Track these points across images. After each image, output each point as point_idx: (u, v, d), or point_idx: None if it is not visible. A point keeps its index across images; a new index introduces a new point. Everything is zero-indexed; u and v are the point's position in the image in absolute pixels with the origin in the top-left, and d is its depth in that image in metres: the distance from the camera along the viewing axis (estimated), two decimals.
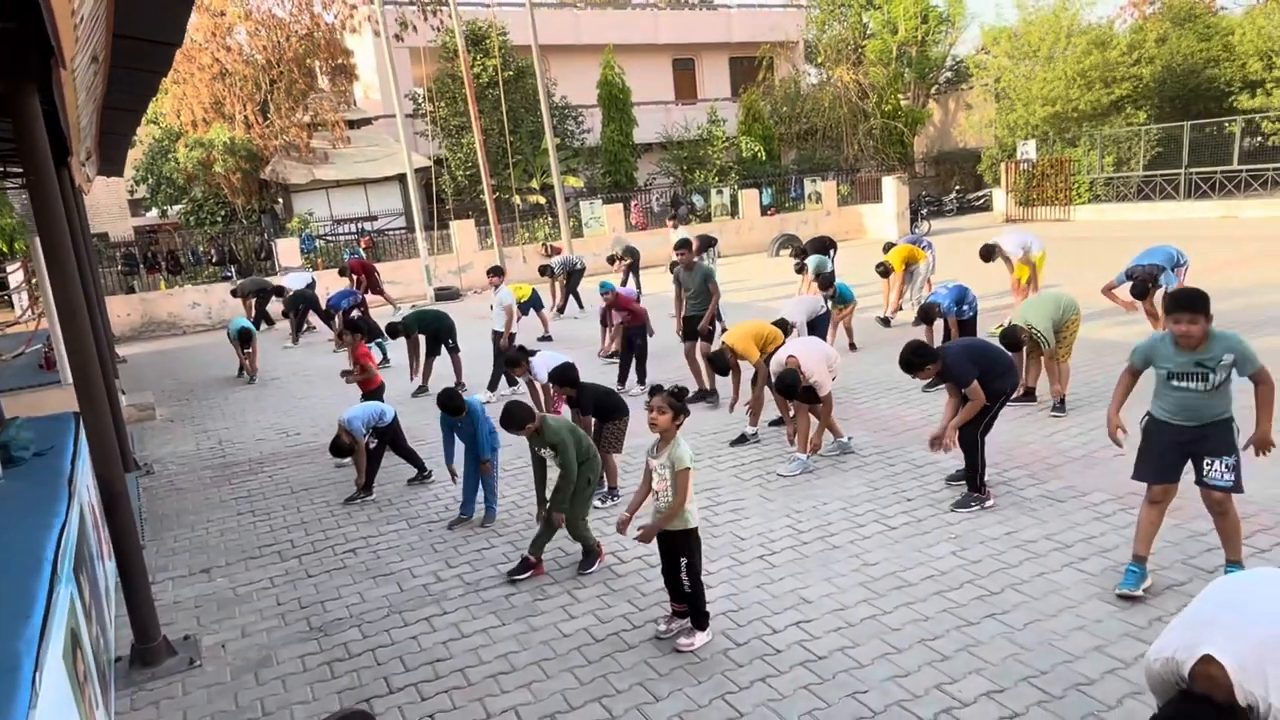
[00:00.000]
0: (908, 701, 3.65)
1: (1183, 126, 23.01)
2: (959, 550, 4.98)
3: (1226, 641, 2.11)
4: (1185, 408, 4.22)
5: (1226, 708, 2.04)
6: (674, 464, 4.17)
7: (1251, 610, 2.21)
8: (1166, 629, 2.31)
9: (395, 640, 4.63)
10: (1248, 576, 2.49)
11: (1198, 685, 2.11)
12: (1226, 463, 4.16)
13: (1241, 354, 4.07)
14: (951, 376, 5.52)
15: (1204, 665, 2.10)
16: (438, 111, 25.92)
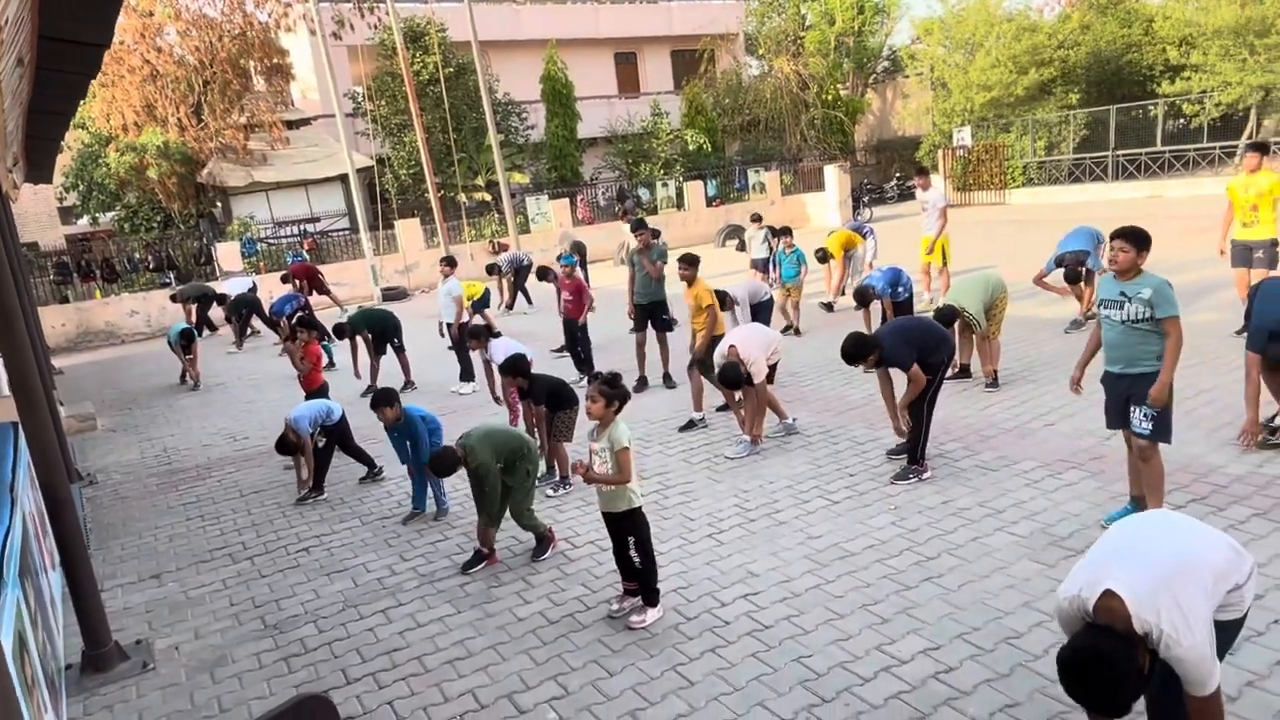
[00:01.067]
0: (850, 663, 3.82)
1: (1109, 110, 23.80)
2: (898, 520, 5.18)
3: (1124, 577, 2.31)
4: (1111, 345, 4.54)
5: (1125, 635, 2.24)
6: (613, 445, 4.27)
7: (1144, 549, 2.42)
8: (1072, 571, 2.50)
9: (351, 633, 4.67)
10: (1141, 518, 2.71)
11: (1100, 618, 2.31)
12: (1146, 412, 4.44)
13: (1159, 294, 4.33)
14: (891, 362, 5.71)
15: (1105, 599, 2.30)
16: (378, 110, 25.61)
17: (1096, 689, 2.27)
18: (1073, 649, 2.30)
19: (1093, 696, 2.29)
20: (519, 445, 5.22)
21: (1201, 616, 2.30)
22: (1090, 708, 2.37)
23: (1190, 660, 2.26)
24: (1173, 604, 2.27)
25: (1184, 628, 2.26)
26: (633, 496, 4.35)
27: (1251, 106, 22.49)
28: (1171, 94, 23.50)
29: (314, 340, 8.31)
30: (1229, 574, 2.46)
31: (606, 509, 4.44)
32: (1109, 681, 2.23)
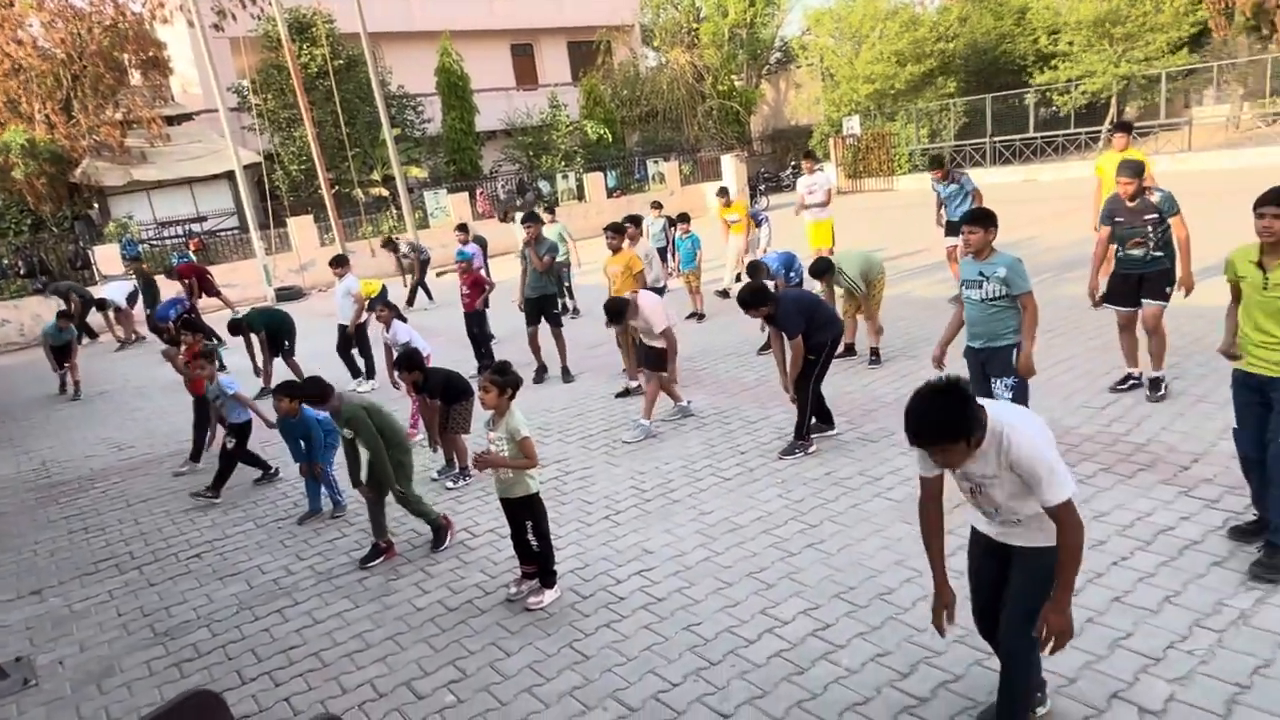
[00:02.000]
0: (736, 627, 4.03)
1: (985, 99, 24.99)
2: (784, 493, 5.44)
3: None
4: (971, 321, 4.90)
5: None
6: (512, 435, 4.37)
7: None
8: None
9: (246, 635, 4.63)
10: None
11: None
12: (1006, 383, 4.83)
13: (1013, 271, 4.71)
14: (780, 324, 5.90)
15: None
16: (265, 105, 24.73)
17: (935, 409, 2.54)
18: (917, 392, 2.62)
19: (934, 419, 2.55)
20: (397, 431, 5.22)
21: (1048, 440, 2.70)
22: (930, 435, 2.59)
23: (1030, 458, 2.61)
24: (1010, 418, 2.68)
25: (1026, 432, 2.65)
26: (530, 483, 4.44)
27: (1113, 94, 23.97)
28: (1042, 83, 24.84)
29: (198, 343, 8.07)
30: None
31: (504, 495, 4.51)
32: (949, 405, 2.53)
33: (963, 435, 2.55)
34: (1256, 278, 3.88)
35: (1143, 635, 3.54)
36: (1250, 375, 3.98)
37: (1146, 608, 3.72)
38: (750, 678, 3.64)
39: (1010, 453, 2.63)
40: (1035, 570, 2.82)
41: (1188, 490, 4.71)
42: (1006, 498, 2.75)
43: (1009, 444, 2.63)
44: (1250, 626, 3.50)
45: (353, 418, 5.03)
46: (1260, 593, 3.70)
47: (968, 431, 2.55)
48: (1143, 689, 3.23)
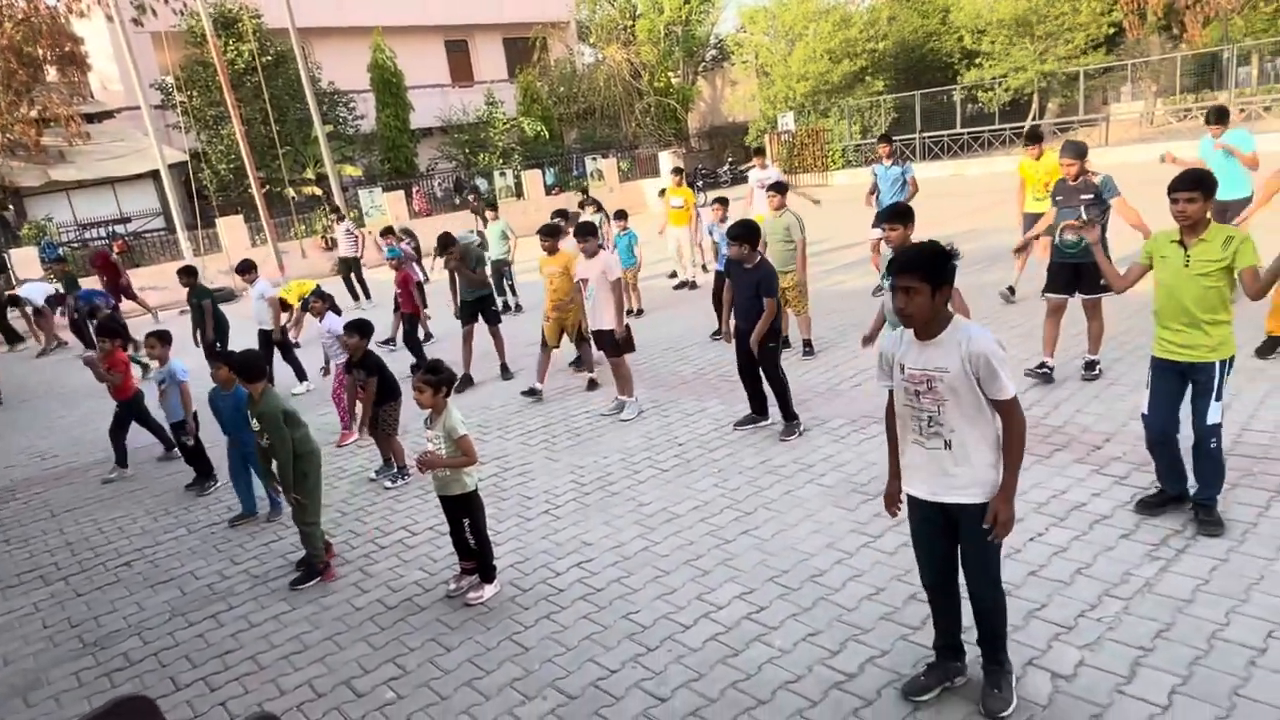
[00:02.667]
0: (673, 613, 4.12)
1: (914, 96, 25.61)
2: (721, 482, 5.55)
3: None
4: (889, 312, 5.03)
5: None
6: (449, 434, 4.37)
7: None
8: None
9: (179, 641, 4.55)
10: None
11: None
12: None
13: None
14: (762, 279, 5.95)
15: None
16: (191, 102, 24.02)
17: (923, 248, 2.94)
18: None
19: (917, 248, 2.96)
20: (313, 446, 5.06)
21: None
22: (907, 260, 2.91)
23: (983, 356, 2.86)
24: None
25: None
26: (467, 480, 4.45)
27: (1035, 91, 24.78)
28: (968, 81, 25.57)
29: (117, 348, 7.80)
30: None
31: (442, 492, 4.52)
32: (936, 248, 2.92)
33: (930, 278, 2.83)
34: (1178, 256, 4.05)
35: (1056, 606, 3.73)
36: (1175, 362, 4.15)
37: (1060, 580, 3.91)
38: (686, 661, 3.73)
39: (970, 345, 2.88)
40: (982, 534, 3.01)
41: (1099, 468, 4.95)
42: (951, 398, 2.94)
43: (969, 338, 2.90)
44: (1154, 594, 3.72)
45: (265, 413, 4.88)
46: (1163, 562, 3.93)
47: (938, 278, 2.84)
48: (1055, 655, 3.41)
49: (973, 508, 3.01)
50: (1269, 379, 5.84)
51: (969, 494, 3.00)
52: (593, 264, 7.05)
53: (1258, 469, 4.65)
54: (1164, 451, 4.25)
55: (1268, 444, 4.92)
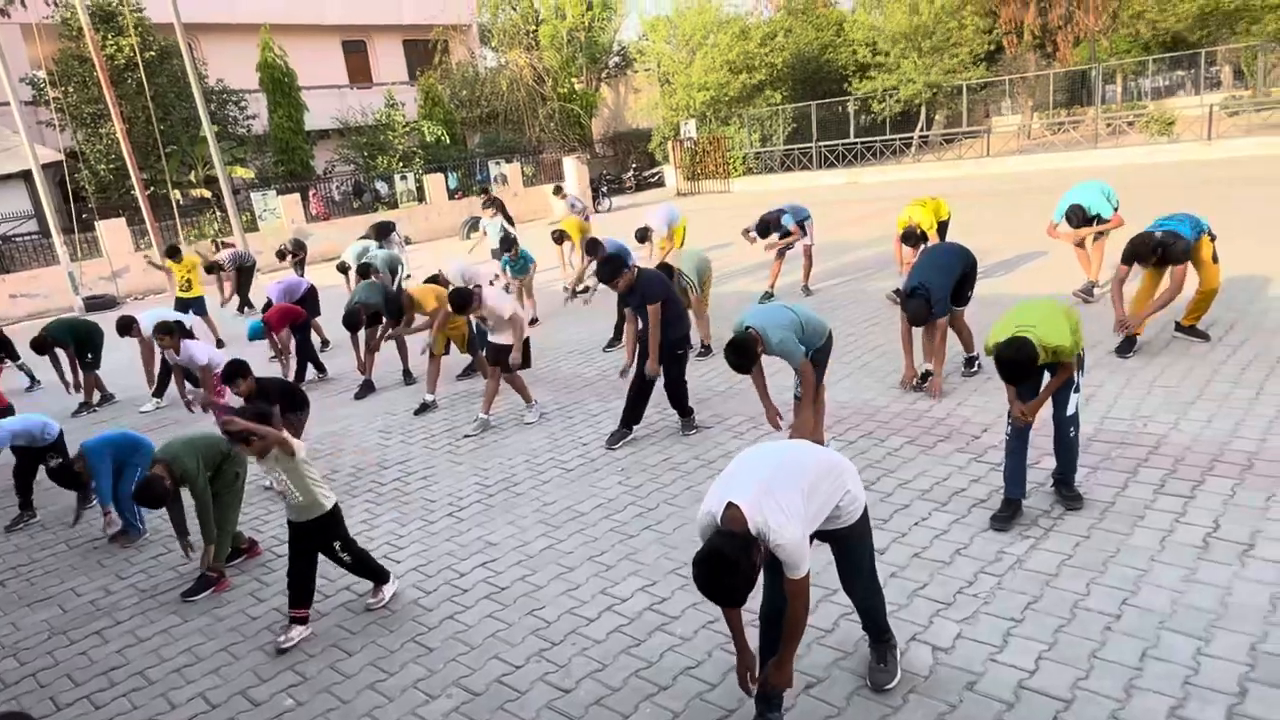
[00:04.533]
0: (577, 608, 4.18)
1: (811, 106, 26.45)
2: (624, 479, 5.65)
3: (742, 490, 2.85)
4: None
5: (743, 536, 2.76)
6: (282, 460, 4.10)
7: (755, 465, 3.02)
8: (708, 494, 2.98)
9: (60, 660, 4.36)
10: (762, 445, 3.31)
11: (725, 525, 2.82)
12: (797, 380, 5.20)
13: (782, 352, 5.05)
14: (640, 289, 6.02)
15: (729, 510, 2.83)
16: (67, 98, 22.71)
17: (719, 582, 2.73)
18: (703, 552, 2.77)
19: (717, 589, 2.76)
20: (226, 449, 4.97)
21: (798, 513, 2.87)
22: (715, 598, 2.84)
23: (788, 548, 2.82)
24: (774, 505, 2.83)
25: (785, 522, 2.81)
26: (324, 500, 4.19)
27: (923, 103, 25.93)
28: (861, 92, 26.54)
29: None
30: (829, 477, 3.06)
31: (302, 519, 4.17)
32: (728, 575, 2.70)
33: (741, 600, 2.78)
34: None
35: (937, 584, 3.97)
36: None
37: (941, 560, 4.16)
38: (590, 654, 3.80)
39: (774, 541, 2.81)
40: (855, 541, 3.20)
41: (978, 456, 5.27)
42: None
43: (774, 537, 2.81)
44: (1024, 569, 4.00)
45: (186, 472, 4.70)
46: (1032, 540, 4.23)
47: (743, 597, 2.78)
48: (936, 630, 3.64)
49: (845, 528, 3.18)
50: (1126, 371, 6.33)
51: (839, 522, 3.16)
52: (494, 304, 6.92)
53: (1115, 454, 5.04)
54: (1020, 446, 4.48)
55: (1125, 431, 5.33)
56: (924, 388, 6.53)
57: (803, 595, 2.99)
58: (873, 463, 5.36)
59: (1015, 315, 4.39)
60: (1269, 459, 4.71)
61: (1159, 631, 3.43)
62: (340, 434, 7.47)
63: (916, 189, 9.87)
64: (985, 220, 13.54)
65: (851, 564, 3.29)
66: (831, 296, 10.06)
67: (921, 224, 8.81)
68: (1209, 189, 14.03)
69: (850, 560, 3.29)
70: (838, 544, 3.28)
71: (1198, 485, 4.54)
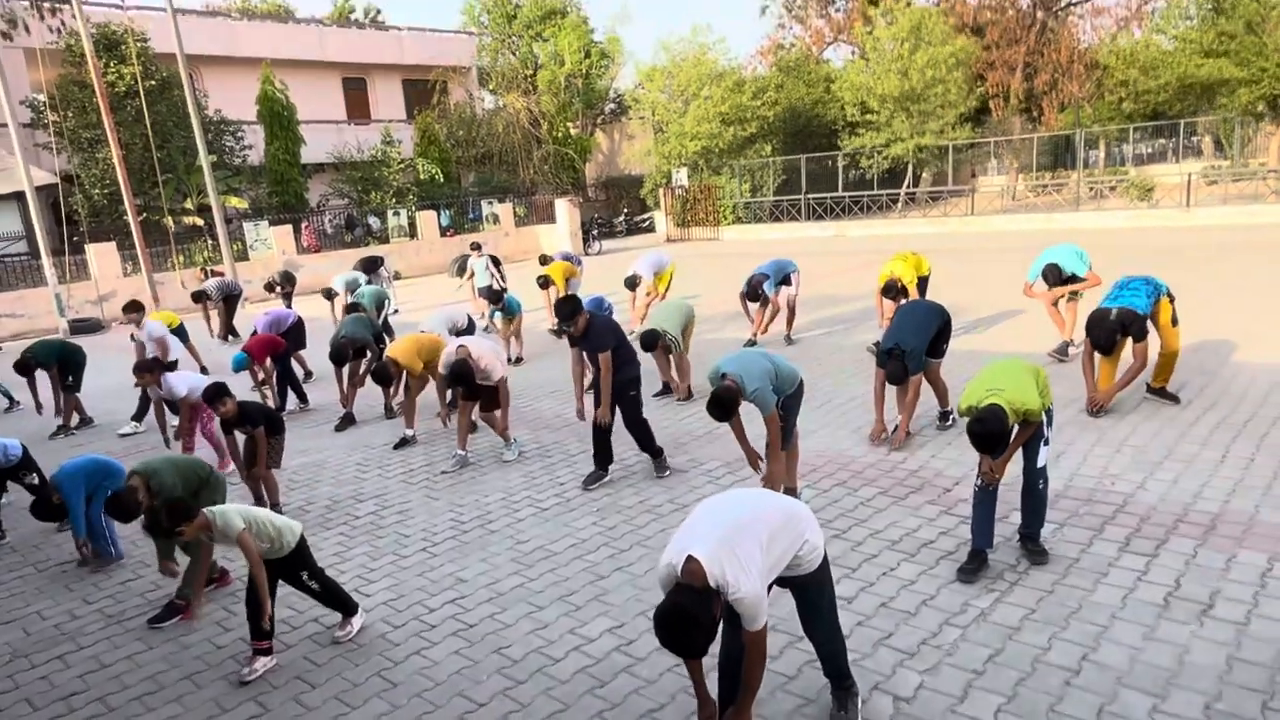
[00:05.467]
0: (545, 647, 4.19)
1: (801, 159, 26.95)
2: (599, 520, 5.68)
3: (701, 543, 2.90)
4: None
5: (703, 590, 2.81)
6: (228, 536, 4.07)
7: (715, 518, 3.07)
8: (668, 546, 3.04)
9: (20, 684, 4.31)
10: (719, 496, 3.37)
11: (685, 578, 2.86)
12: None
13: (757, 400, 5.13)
14: (591, 337, 6.07)
15: (688, 564, 2.88)
16: (65, 122, 22.87)
17: (679, 636, 2.78)
18: (663, 607, 2.82)
19: (676, 642, 2.81)
20: (205, 474, 5.02)
21: (756, 565, 2.91)
22: (676, 652, 2.89)
23: (746, 601, 2.87)
24: (733, 558, 2.87)
25: (743, 576, 2.86)
26: (289, 539, 4.22)
27: (910, 161, 26.47)
28: (850, 148, 27.08)
29: None
30: (788, 527, 3.11)
31: (274, 556, 4.19)
32: (688, 628, 2.75)
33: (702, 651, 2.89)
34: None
35: (902, 634, 4.00)
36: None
37: (907, 610, 4.20)
38: (554, 693, 3.80)
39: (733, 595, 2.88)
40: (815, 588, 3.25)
41: (948, 509, 5.34)
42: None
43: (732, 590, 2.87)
44: (989, 622, 4.04)
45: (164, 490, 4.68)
46: (997, 594, 4.28)
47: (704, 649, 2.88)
48: (899, 679, 3.67)
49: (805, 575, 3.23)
50: (1096, 429, 6.44)
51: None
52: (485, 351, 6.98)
53: (1083, 510, 5.12)
54: (988, 498, 4.55)
55: (1092, 489, 5.42)
56: (889, 438, 6.61)
57: (760, 646, 3.03)
58: (845, 512, 5.42)
59: (986, 378, 4.49)
60: (1231, 521, 4.81)
61: (1117, 688, 3.47)
62: (318, 465, 7.46)
63: (902, 244, 10.06)
64: (966, 275, 13.81)
65: (812, 609, 3.34)
66: (813, 346, 10.19)
67: (903, 278, 8.99)
68: (1185, 254, 14.37)
69: (810, 606, 3.34)
70: (798, 590, 3.33)
71: (1161, 544, 4.62)
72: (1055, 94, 30.10)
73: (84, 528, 5.57)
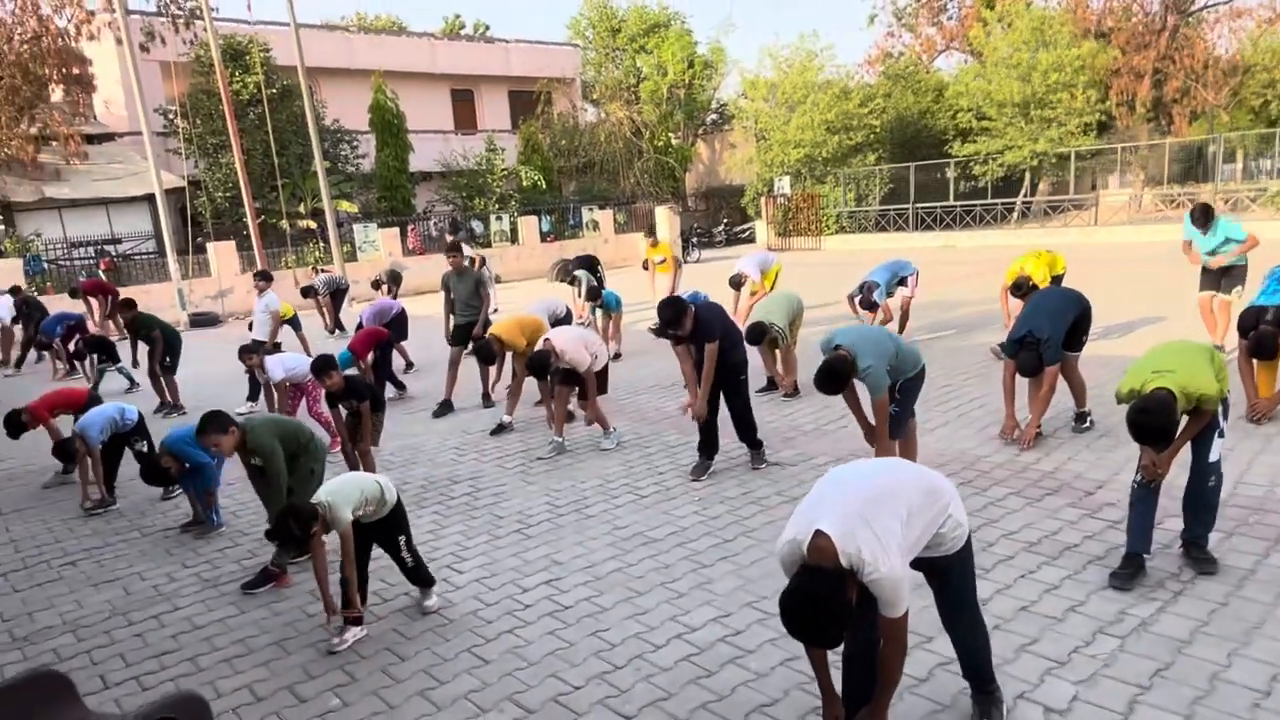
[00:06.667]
0: (644, 633, 3.89)
1: (909, 168, 26.06)
2: (701, 509, 5.35)
3: (828, 517, 2.52)
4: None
5: (834, 571, 2.43)
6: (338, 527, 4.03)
7: (844, 489, 2.67)
8: (790, 518, 2.68)
9: (116, 640, 4.27)
10: (847, 466, 2.96)
11: (812, 558, 2.49)
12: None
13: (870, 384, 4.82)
14: (700, 329, 5.70)
15: (815, 540, 2.49)
16: (193, 129, 24.11)
17: (810, 624, 2.41)
18: (790, 591, 2.45)
19: (807, 632, 2.44)
20: (306, 439, 4.94)
21: (896, 541, 2.53)
22: (807, 642, 2.54)
23: (885, 583, 2.47)
24: (870, 533, 2.48)
25: (881, 553, 2.47)
26: (390, 496, 4.16)
27: (1027, 169, 25.25)
28: (963, 155, 26.01)
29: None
30: (929, 499, 2.72)
31: (371, 519, 4.12)
32: (820, 616, 2.38)
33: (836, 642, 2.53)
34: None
35: (1049, 641, 3.53)
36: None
37: (1052, 616, 3.72)
38: (655, 681, 3.49)
39: (870, 575, 2.52)
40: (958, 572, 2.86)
41: (1092, 512, 4.79)
42: None
43: (869, 570, 2.51)
44: (1151, 633, 3.52)
45: (263, 446, 4.68)
46: (1159, 603, 3.75)
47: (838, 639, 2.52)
48: (1048, 690, 3.21)
49: (947, 556, 2.86)
50: (1262, 436, 5.74)
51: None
52: (569, 341, 6.78)
53: (1253, 519, 4.50)
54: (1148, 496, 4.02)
55: (1263, 497, 4.78)
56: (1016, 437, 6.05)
57: (900, 637, 2.64)
58: (973, 511, 4.92)
59: (1152, 358, 3.97)
60: None
61: None
62: (414, 448, 7.38)
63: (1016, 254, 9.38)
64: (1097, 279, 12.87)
65: (954, 596, 2.93)
66: (927, 350, 9.49)
67: (1034, 276, 8.37)
68: None
69: (952, 593, 2.93)
70: (938, 575, 2.92)
71: None
72: (1187, 101, 28.30)
73: (217, 477, 5.70)
